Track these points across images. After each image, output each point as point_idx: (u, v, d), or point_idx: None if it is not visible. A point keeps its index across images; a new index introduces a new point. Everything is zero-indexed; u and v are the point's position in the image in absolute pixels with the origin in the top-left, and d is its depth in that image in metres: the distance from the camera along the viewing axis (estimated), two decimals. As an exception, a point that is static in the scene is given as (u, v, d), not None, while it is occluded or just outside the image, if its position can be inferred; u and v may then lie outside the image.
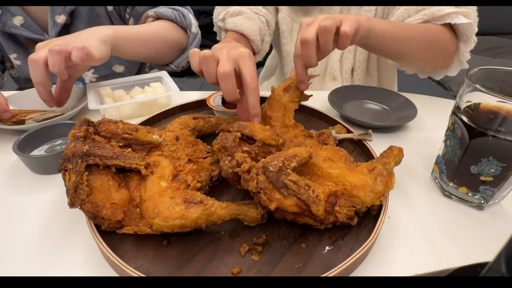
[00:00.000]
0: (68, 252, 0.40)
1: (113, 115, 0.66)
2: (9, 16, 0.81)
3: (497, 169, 0.41)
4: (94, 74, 0.94)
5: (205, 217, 0.38)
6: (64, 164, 0.38)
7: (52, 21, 0.81)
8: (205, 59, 0.46)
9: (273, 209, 0.38)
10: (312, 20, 0.49)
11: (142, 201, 0.40)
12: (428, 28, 0.64)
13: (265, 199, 0.38)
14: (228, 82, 0.45)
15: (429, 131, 0.64)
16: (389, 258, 0.39)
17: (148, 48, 0.76)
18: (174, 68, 0.86)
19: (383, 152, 0.47)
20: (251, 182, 0.39)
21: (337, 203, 0.39)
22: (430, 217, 0.45)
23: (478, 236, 0.43)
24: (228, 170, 0.40)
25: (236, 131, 0.44)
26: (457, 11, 0.63)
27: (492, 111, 0.40)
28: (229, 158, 0.41)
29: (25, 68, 0.89)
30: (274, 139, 0.46)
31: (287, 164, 0.38)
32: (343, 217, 0.39)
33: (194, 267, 0.37)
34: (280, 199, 0.38)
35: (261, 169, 0.38)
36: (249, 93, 0.47)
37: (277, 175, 0.37)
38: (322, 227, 0.40)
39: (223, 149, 0.43)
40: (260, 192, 0.38)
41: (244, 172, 0.39)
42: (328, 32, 0.47)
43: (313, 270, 0.36)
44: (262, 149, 0.45)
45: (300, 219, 0.40)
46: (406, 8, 0.67)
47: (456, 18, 0.63)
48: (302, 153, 0.40)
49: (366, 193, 0.40)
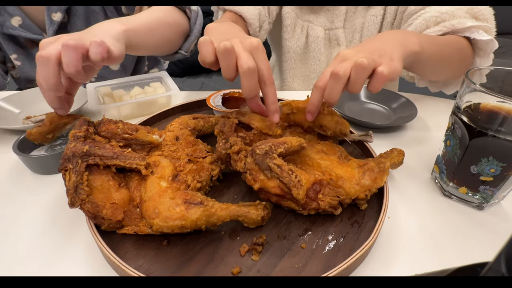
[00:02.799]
0: (68, 252, 0.40)
1: (113, 115, 0.66)
2: (7, 17, 0.80)
3: (497, 169, 0.41)
4: None
5: (205, 218, 0.38)
6: (64, 164, 0.38)
7: (49, 20, 0.81)
8: (227, 52, 0.41)
9: (256, 189, 0.41)
10: (350, 54, 0.44)
11: (142, 201, 0.40)
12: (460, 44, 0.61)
13: (250, 179, 0.41)
14: (252, 78, 0.42)
15: (429, 131, 0.64)
16: (389, 258, 0.39)
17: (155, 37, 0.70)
18: (184, 54, 0.82)
19: (383, 153, 0.47)
20: (239, 163, 0.42)
21: (321, 191, 0.41)
22: (430, 217, 0.45)
23: (478, 236, 0.43)
24: (221, 151, 0.44)
25: (235, 117, 0.49)
26: (478, 25, 0.61)
27: (492, 111, 0.40)
28: (224, 141, 0.45)
29: (26, 68, 0.89)
30: (272, 129, 0.48)
31: (274, 149, 0.41)
32: (325, 205, 0.40)
33: (194, 267, 0.37)
34: (263, 180, 0.40)
35: (250, 151, 0.41)
36: (268, 89, 0.45)
37: (262, 157, 0.40)
38: (305, 213, 0.42)
39: (221, 133, 0.46)
40: (246, 172, 0.41)
41: (234, 153, 0.43)
42: (363, 70, 0.41)
43: (313, 270, 0.36)
44: (259, 137, 0.48)
45: (283, 202, 0.42)
46: (425, 19, 0.64)
47: (476, 32, 0.61)
48: (292, 141, 0.42)
49: (351, 185, 0.41)
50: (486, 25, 0.62)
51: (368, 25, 0.81)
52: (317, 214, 0.42)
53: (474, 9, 0.62)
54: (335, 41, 0.86)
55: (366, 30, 0.82)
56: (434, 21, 0.64)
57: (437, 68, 0.61)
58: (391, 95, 0.72)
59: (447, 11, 0.62)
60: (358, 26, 0.83)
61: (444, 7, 0.62)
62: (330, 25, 0.85)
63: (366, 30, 0.82)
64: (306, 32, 0.86)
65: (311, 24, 0.85)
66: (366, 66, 0.40)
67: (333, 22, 0.84)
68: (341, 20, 0.84)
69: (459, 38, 0.62)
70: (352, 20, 0.84)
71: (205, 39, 0.44)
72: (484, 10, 0.62)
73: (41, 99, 0.72)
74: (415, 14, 0.68)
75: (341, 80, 0.41)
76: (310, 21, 0.85)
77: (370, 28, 0.81)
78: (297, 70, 0.93)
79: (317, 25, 0.85)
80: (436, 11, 0.63)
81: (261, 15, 0.77)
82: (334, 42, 0.87)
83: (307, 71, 0.92)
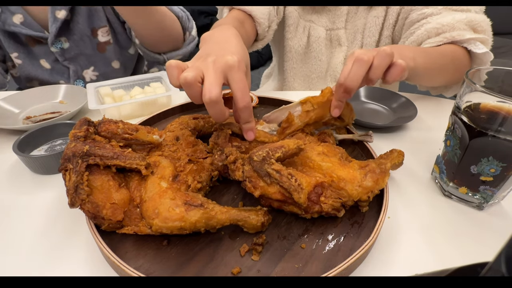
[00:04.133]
0: (68, 252, 0.40)
1: (113, 115, 0.66)
2: (9, 14, 0.81)
3: (497, 169, 0.41)
4: (94, 71, 0.94)
5: (205, 221, 0.38)
6: (64, 164, 0.38)
7: (52, 17, 0.81)
8: (187, 84, 0.41)
9: (257, 196, 0.40)
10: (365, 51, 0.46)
11: (142, 202, 0.40)
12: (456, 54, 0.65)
13: (250, 187, 0.40)
14: (216, 108, 0.42)
15: (429, 131, 0.64)
16: (389, 258, 0.39)
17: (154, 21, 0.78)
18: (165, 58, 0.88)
19: (383, 154, 0.47)
20: (237, 172, 0.42)
21: (323, 193, 0.40)
22: (430, 217, 0.45)
23: (478, 236, 0.43)
24: (218, 164, 0.44)
25: (228, 128, 0.49)
26: (476, 37, 0.65)
27: (492, 111, 0.40)
28: (219, 153, 0.45)
29: (26, 66, 0.89)
30: (267, 137, 0.48)
31: (271, 154, 0.40)
32: (328, 208, 0.40)
33: (194, 267, 0.37)
34: (264, 187, 0.40)
35: (248, 159, 0.41)
36: (241, 111, 0.44)
37: (260, 164, 0.40)
38: (308, 216, 0.41)
39: (216, 145, 0.47)
40: (245, 180, 0.41)
41: (230, 163, 0.43)
42: (387, 56, 0.44)
43: (313, 270, 0.36)
44: (254, 145, 0.48)
45: (285, 207, 0.41)
46: (427, 30, 0.67)
47: (474, 45, 0.65)
48: (289, 144, 0.42)
49: (354, 187, 0.41)
50: (484, 36, 0.66)
51: (370, 26, 0.81)
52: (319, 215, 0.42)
53: (473, 21, 0.66)
54: (336, 41, 0.86)
55: (368, 31, 0.82)
56: (435, 32, 0.67)
57: (431, 77, 0.66)
58: (391, 95, 0.72)
59: (448, 24, 0.66)
60: (360, 27, 0.83)
61: (445, 19, 0.66)
62: (331, 25, 0.85)
63: (368, 31, 0.82)
64: (308, 32, 0.86)
65: (313, 24, 0.86)
66: (389, 53, 0.43)
67: (334, 22, 0.85)
68: (342, 21, 0.84)
69: (456, 48, 0.66)
70: (353, 21, 0.84)
71: (171, 63, 0.43)
72: (482, 22, 0.66)
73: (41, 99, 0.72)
74: (417, 23, 0.71)
75: (365, 64, 0.43)
76: (312, 21, 0.86)
77: (371, 29, 0.82)
78: (298, 70, 0.93)
79: (318, 25, 0.85)
80: (437, 23, 0.66)
81: (270, 15, 0.77)
82: (335, 43, 0.87)
83: (308, 71, 0.92)
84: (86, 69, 0.93)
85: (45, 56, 0.89)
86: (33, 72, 0.90)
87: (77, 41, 0.88)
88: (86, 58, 0.92)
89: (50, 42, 0.84)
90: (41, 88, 0.74)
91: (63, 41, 0.87)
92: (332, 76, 0.89)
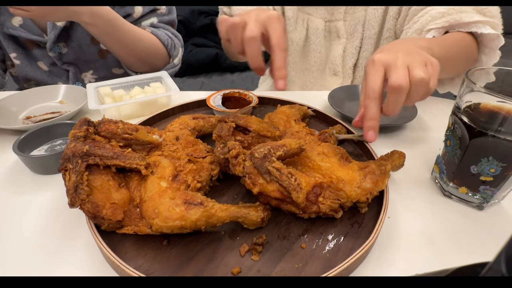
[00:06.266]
0: (68, 252, 0.40)
1: (113, 115, 0.66)
2: (8, 17, 0.81)
3: (497, 169, 0.41)
4: (93, 75, 0.94)
5: (205, 219, 0.38)
6: (64, 164, 0.38)
7: (51, 24, 0.81)
8: (233, 26, 0.45)
9: (256, 193, 0.40)
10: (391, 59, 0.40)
11: (142, 201, 0.40)
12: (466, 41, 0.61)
13: (249, 183, 0.40)
14: (252, 46, 0.44)
15: (429, 131, 0.64)
16: (389, 258, 0.39)
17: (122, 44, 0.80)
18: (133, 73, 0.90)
19: (384, 155, 0.47)
20: (237, 167, 0.42)
21: (321, 194, 0.40)
22: (430, 217, 0.45)
23: (478, 236, 0.43)
24: (219, 156, 0.44)
25: (232, 121, 0.48)
26: (485, 20, 0.60)
27: (492, 111, 0.40)
28: (221, 146, 0.45)
29: (24, 67, 0.89)
30: (270, 131, 0.48)
31: (273, 152, 0.40)
32: (326, 208, 0.40)
33: (194, 267, 0.37)
34: (263, 184, 0.40)
35: (249, 155, 0.41)
36: (275, 53, 0.45)
37: (261, 161, 0.40)
38: (305, 216, 0.41)
39: (219, 138, 0.47)
40: (245, 176, 0.41)
41: (232, 157, 0.43)
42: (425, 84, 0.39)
43: (313, 270, 0.36)
44: (257, 139, 0.48)
45: (283, 206, 0.41)
46: (432, 15, 0.64)
47: (483, 28, 0.60)
48: (291, 144, 0.42)
49: (353, 188, 0.41)
50: (493, 21, 0.61)
51: (370, 18, 0.80)
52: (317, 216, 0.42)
53: (481, 6, 0.62)
54: (335, 33, 0.85)
55: (368, 23, 0.81)
56: (441, 16, 0.63)
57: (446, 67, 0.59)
58: (391, 95, 0.71)
59: (454, 7, 0.62)
60: (360, 19, 0.82)
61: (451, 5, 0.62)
62: (330, 17, 0.85)
63: (368, 23, 0.81)
64: (306, 24, 0.86)
65: (311, 16, 0.85)
66: (426, 80, 0.39)
67: (333, 14, 0.84)
68: (341, 12, 0.83)
69: (464, 35, 0.61)
70: (352, 13, 0.83)
71: (222, 17, 0.47)
72: (491, 8, 0.62)
73: (41, 99, 0.72)
74: (421, 11, 0.68)
75: (404, 91, 0.39)
76: (310, 13, 0.85)
77: (371, 21, 0.80)
78: (298, 64, 0.92)
79: (317, 17, 0.85)
80: (443, 8, 0.63)
81: None
82: (334, 34, 0.86)
83: (308, 64, 0.91)
84: (85, 72, 0.93)
85: (43, 59, 0.89)
86: (31, 73, 0.90)
87: (76, 48, 0.88)
88: (85, 62, 0.92)
89: (49, 47, 0.84)
90: (41, 88, 0.74)
91: (62, 47, 0.87)
92: (331, 69, 0.88)
